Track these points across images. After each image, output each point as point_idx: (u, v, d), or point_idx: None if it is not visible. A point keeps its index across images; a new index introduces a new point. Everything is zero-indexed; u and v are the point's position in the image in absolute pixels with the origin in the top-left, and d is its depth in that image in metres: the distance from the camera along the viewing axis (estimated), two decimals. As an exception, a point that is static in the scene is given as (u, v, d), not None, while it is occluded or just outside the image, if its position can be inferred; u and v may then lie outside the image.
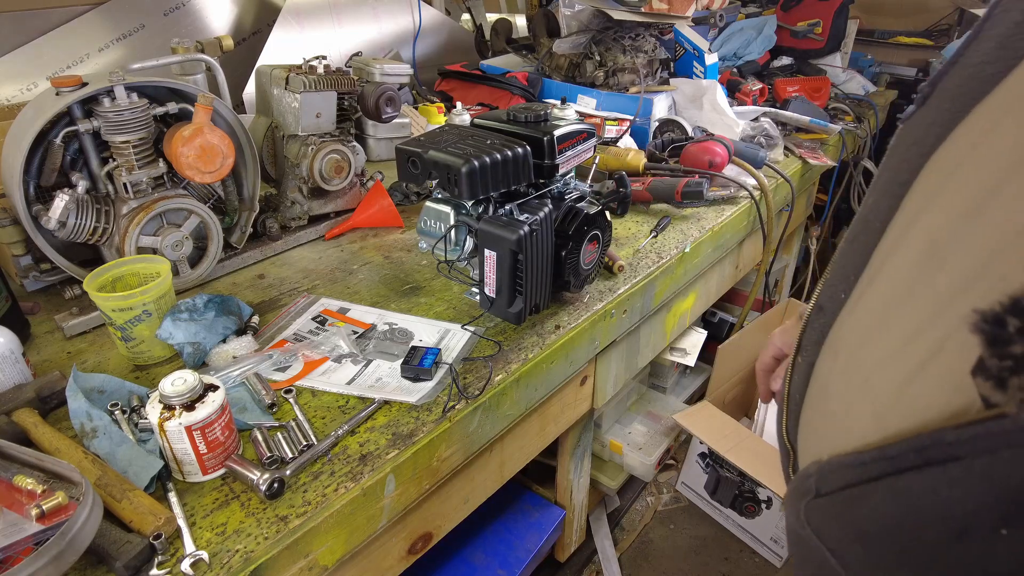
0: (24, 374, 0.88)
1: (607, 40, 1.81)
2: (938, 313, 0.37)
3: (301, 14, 1.97)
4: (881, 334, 0.45)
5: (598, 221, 1.01)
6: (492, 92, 1.90)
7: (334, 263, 1.26)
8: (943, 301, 0.37)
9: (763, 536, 1.78)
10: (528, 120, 0.97)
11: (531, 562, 1.36)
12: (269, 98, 1.29)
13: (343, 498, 0.75)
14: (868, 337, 0.47)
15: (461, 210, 0.96)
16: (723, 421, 1.72)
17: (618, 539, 1.83)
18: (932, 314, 0.38)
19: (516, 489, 1.51)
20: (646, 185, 1.44)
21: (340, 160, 1.30)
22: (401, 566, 0.94)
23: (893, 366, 0.41)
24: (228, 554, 0.67)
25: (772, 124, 1.76)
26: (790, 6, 2.44)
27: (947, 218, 0.38)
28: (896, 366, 0.41)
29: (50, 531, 0.61)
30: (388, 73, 1.35)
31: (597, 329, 1.13)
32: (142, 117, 1.01)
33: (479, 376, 0.94)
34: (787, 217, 1.82)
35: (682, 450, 1.96)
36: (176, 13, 1.78)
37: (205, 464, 0.75)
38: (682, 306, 1.53)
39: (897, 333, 0.41)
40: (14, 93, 1.54)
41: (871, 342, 0.46)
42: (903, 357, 0.40)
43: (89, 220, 1.02)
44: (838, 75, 2.43)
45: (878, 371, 0.43)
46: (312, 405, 0.88)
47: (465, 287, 1.07)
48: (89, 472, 0.71)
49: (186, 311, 0.95)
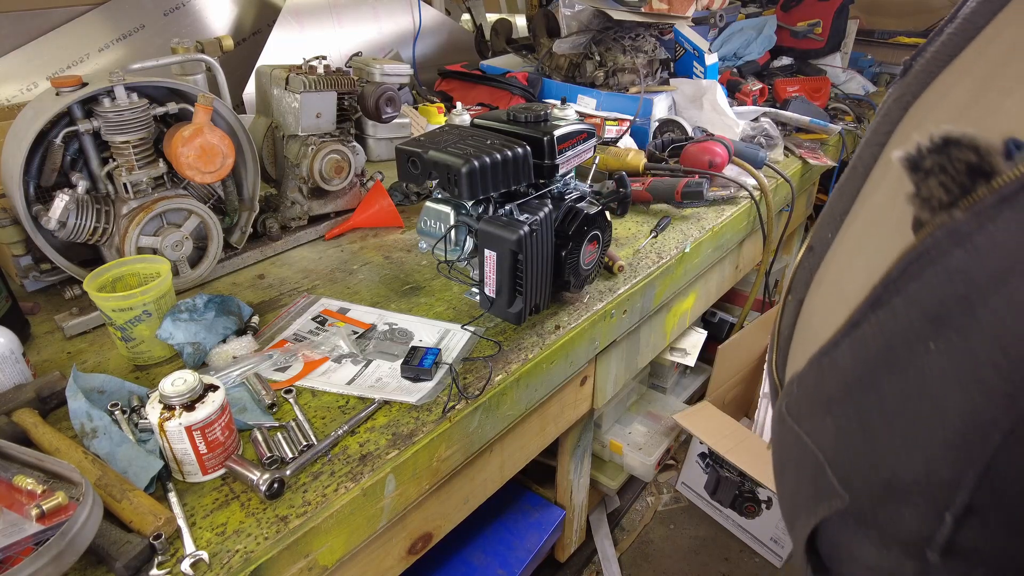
0: (24, 374, 0.88)
1: (607, 40, 1.81)
2: (903, 221, 0.42)
3: (301, 14, 1.97)
4: (857, 256, 0.51)
5: (598, 221, 1.01)
6: (492, 92, 1.90)
7: (334, 263, 1.26)
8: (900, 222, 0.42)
9: (763, 536, 1.78)
10: (528, 120, 0.97)
11: (531, 562, 1.36)
12: (269, 98, 1.29)
13: (343, 498, 0.75)
14: (847, 262, 0.53)
15: (461, 210, 0.96)
16: (723, 421, 1.72)
17: (618, 539, 1.83)
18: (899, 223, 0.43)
19: (516, 489, 1.51)
20: (646, 185, 1.44)
21: (340, 160, 1.30)
22: (401, 566, 0.94)
23: (865, 273, 0.46)
24: (228, 554, 0.67)
25: (772, 124, 1.76)
26: (790, 6, 2.44)
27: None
28: (867, 273, 0.46)
29: (50, 531, 0.61)
30: (388, 73, 1.35)
31: (597, 329, 1.13)
32: (142, 117, 1.01)
33: (479, 376, 0.94)
34: (787, 217, 1.82)
35: (682, 450, 1.96)
36: (176, 13, 1.78)
37: (205, 464, 0.75)
38: (682, 306, 1.53)
39: (870, 250, 0.47)
40: (14, 93, 1.54)
41: (849, 265, 0.52)
42: (874, 265, 0.45)
43: (89, 220, 1.02)
44: (838, 75, 2.43)
45: (851, 282, 0.48)
46: (312, 405, 0.88)
47: (465, 287, 1.07)
48: (89, 472, 0.71)
49: (186, 311, 0.95)
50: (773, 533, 1.75)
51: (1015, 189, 0.34)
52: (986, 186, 0.35)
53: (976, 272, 0.36)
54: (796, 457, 0.51)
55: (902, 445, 0.41)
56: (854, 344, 0.45)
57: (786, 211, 1.79)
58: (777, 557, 1.75)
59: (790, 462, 0.53)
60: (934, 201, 0.37)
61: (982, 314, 0.36)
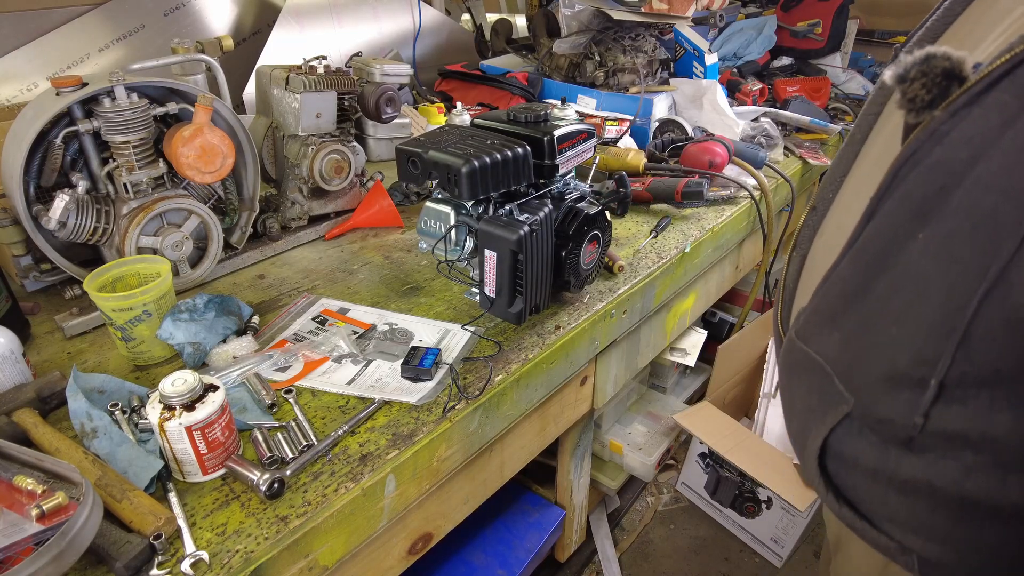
0: (24, 374, 0.88)
1: (607, 40, 1.81)
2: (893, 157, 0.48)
3: (301, 14, 1.97)
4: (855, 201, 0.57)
5: (598, 221, 1.01)
6: (492, 92, 1.90)
7: (334, 263, 1.26)
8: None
9: (763, 536, 1.78)
10: (528, 120, 0.97)
11: (531, 562, 1.36)
12: (269, 98, 1.29)
13: (343, 498, 0.75)
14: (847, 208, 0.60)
15: (461, 210, 0.96)
16: (723, 421, 1.72)
17: (618, 539, 1.83)
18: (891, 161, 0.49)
19: (516, 489, 1.51)
20: (646, 185, 1.44)
21: (340, 160, 1.30)
22: (401, 566, 0.94)
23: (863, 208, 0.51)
24: (228, 554, 0.67)
25: (772, 124, 1.76)
26: (790, 6, 2.44)
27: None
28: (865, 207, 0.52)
29: (50, 531, 0.61)
30: (388, 73, 1.35)
31: (597, 329, 1.13)
32: (142, 117, 1.01)
33: (479, 376, 0.94)
34: (787, 217, 1.82)
35: (682, 450, 1.96)
36: (176, 13, 1.78)
37: (205, 464, 0.75)
38: (682, 306, 1.53)
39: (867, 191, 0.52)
40: (14, 93, 1.54)
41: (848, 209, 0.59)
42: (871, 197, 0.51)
43: (89, 220, 1.02)
44: (838, 75, 2.42)
45: (851, 220, 0.53)
46: (312, 405, 0.88)
47: (465, 287, 1.07)
48: (89, 472, 0.71)
49: (186, 311, 0.95)
50: (773, 533, 1.75)
51: (981, 88, 0.41)
52: (958, 88, 0.42)
53: (952, 163, 0.42)
54: (806, 377, 0.57)
55: (896, 334, 0.46)
56: (853, 257, 0.51)
57: (786, 211, 1.79)
58: (777, 557, 1.75)
59: (800, 386, 0.58)
60: (918, 101, 0.43)
61: (956, 196, 0.42)
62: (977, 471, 0.43)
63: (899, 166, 0.47)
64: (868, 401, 0.49)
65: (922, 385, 0.44)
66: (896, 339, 0.46)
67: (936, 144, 0.43)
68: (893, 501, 0.49)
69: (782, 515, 1.71)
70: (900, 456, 0.47)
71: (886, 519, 0.51)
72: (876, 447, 0.49)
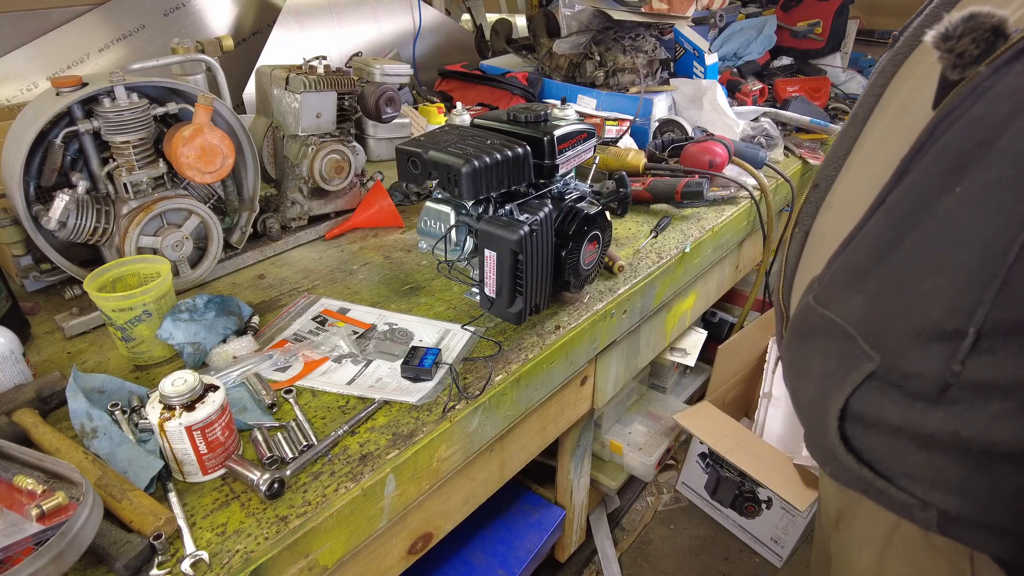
0: (24, 374, 0.88)
1: (607, 40, 1.81)
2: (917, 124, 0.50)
3: (301, 14, 1.97)
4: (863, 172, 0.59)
5: (598, 221, 1.01)
6: (492, 92, 1.90)
7: (334, 263, 1.26)
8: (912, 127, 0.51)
9: (763, 536, 1.78)
10: (528, 120, 0.97)
11: (531, 562, 1.36)
12: (269, 98, 1.29)
13: (343, 498, 0.75)
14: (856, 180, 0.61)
15: (461, 210, 0.96)
16: (723, 421, 1.72)
17: (618, 539, 1.83)
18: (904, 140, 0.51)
19: (516, 489, 1.51)
20: (646, 185, 1.44)
21: (340, 160, 1.30)
22: (401, 566, 0.94)
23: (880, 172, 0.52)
24: (228, 554, 0.67)
25: (772, 124, 1.76)
26: (790, 6, 2.44)
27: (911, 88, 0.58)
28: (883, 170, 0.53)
29: (50, 531, 0.61)
30: (388, 73, 1.35)
31: (597, 329, 1.13)
32: (142, 117, 1.01)
33: (479, 376, 0.94)
34: (787, 217, 1.82)
35: (682, 450, 1.96)
36: (176, 13, 1.78)
37: (205, 464, 0.75)
38: (682, 306, 1.53)
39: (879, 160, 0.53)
40: (14, 93, 1.54)
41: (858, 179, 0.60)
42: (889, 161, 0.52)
43: (89, 220, 1.02)
44: (838, 75, 2.42)
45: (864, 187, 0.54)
46: (312, 405, 0.88)
47: (465, 287, 1.07)
48: (89, 472, 0.71)
49: (186, 311, 0.95)
50: (773, 533, 1.75)
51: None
52: (1004, 43, 0.43)
53: (993, 116, 0.44)
54: (824, 342, 0.57)
55: (930, 287, 0.47)
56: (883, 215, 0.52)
57: (786, 211, 1.79)
58: (777, 557, 1.75)
59: (817, 352, 0.59)
60: (966, 56, 0.45)
61: (998, 147, 0.43)
62: (1004, 418, 0.43)
63: (937, 122, 0.48)
64: (896, 357, 0.50)
65: (956, 336, 0.45)
66: (930, 292, 0.47)
67: (977, 99, 0.45)
68: (915, 457, 0.49)
69: (782, 515, 1.71)
70: (925, 410, 0.48)
71: (906, 476, 0.51)
72: (900, 404, 0.50)
